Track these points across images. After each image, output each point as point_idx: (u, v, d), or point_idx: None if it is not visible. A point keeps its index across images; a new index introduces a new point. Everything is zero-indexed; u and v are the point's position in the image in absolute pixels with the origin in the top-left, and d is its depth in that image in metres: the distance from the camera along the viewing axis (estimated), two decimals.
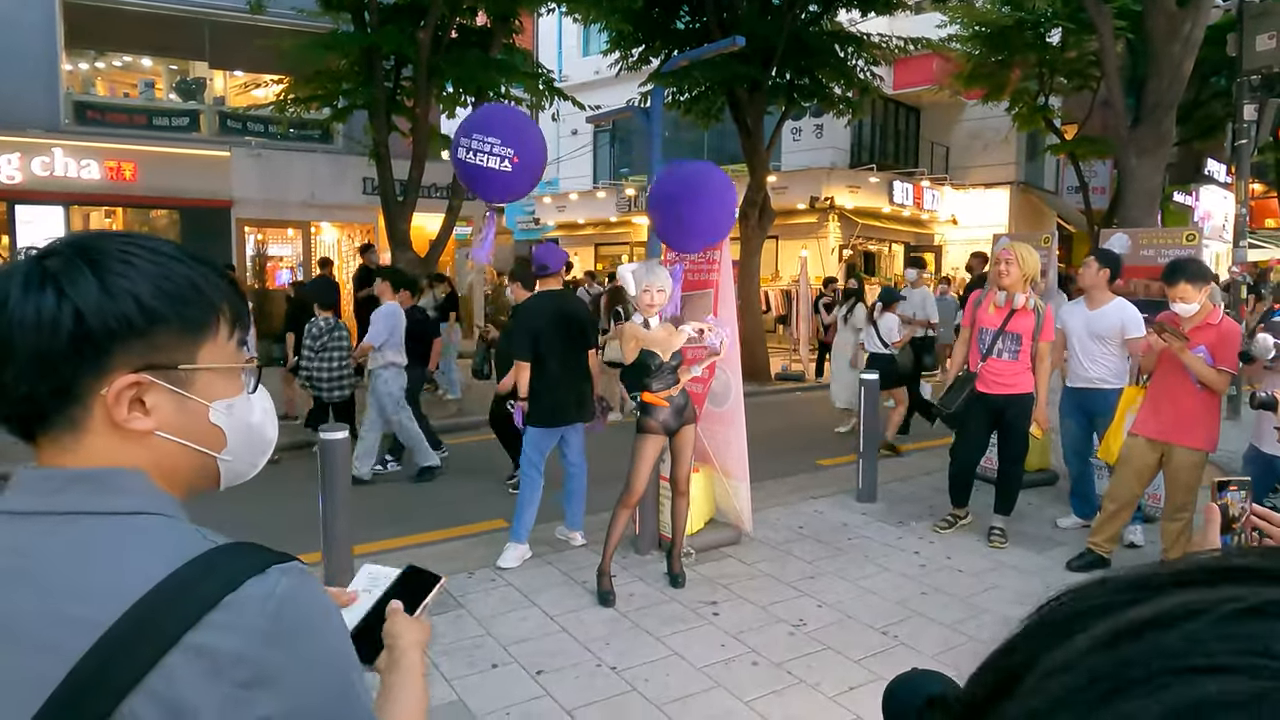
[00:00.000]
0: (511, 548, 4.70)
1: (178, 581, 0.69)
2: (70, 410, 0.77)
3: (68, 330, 0.74)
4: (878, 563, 4.74)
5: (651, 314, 4.23)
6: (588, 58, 22.04)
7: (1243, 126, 9.53)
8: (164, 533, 0.75)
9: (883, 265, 19.39)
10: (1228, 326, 4.16)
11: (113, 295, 0.76)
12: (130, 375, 0.77)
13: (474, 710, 3.17)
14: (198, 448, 0.82)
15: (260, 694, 0.67)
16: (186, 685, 0.66)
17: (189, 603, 0.68)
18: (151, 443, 0.79)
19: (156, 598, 0.68)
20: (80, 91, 14.13)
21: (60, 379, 0.75)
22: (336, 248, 15.36)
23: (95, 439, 0.77)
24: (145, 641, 0.66)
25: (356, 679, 0.76)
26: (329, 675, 0.73)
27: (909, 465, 7.00)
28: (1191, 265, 4.20)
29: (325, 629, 0.74)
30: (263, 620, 0.69)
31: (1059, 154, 15.66)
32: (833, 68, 11.97)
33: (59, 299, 0.75)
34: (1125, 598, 0.29)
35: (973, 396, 4.92)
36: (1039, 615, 0.32)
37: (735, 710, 3.20)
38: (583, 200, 21.43)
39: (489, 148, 4.23)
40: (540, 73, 10.88)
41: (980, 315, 4.97)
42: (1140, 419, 4.40)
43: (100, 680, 0.66)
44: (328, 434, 4.06)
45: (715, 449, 5.12)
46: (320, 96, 10.62)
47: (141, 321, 0.77)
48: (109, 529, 0.74)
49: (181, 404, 0.80)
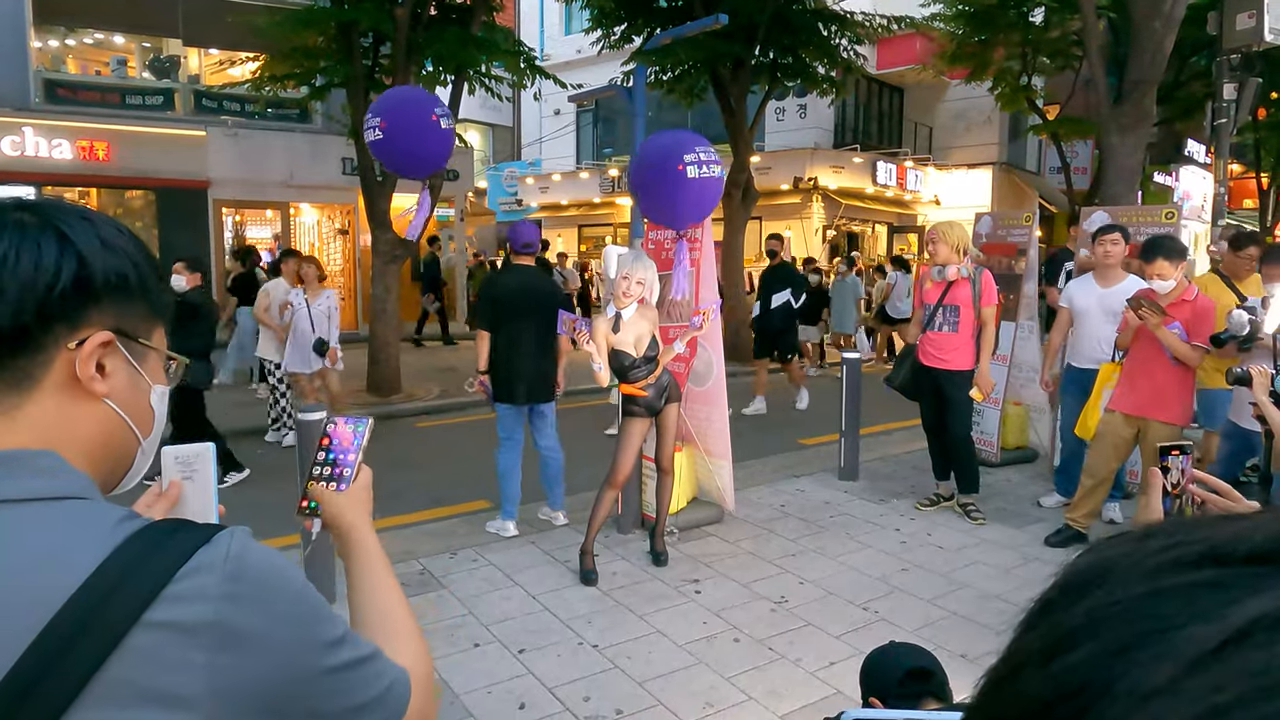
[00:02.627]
0: (498, 522, 4.80)
1: (123, 561, 0.64)
2: (27, 361, 0.72)
3: (71, 272, 0.72)
4: (859, 540, 4.77)
5: (625, 304, 4.15)
6: (569, 36, 21.82)
7: (1222, 106, 9.59)
8: (94, 514, 0.69)
9: (866, 246, 19.42)
10: (1202, 303, 4.21)
11: (113, 251, 0.76)
12: (105, 332, 0.75)
13: (456, 689, 3.17)
14: (134, 427, 0.80)
15: (241, 656, 0.65)
16: (162, 667, 0.62)
17: (142, 580, 0.63)
18: (97, 411, 0.76)
19: (101, 581, 0.63)
20: (51, 69, 13.83)
21: (39, 319, 0.71)
22: (317, 229, 15.19)
23: (45, 398, 0.73)
24: (97, 628, 0.61)
25: (327, 616, 0.73)
26: (301, 623, 0.70)
27: (891, 444, 7.04)
28: (1168, 242, 4.24)
29: (286, 579, 0.71)
30: (225, 584, 0.66)
31: (1041, 134, 15.69)
32: (816, 46, 11.92)
33: (61, 242, 0.73)
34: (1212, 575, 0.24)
35: (917, 369, 5.06)
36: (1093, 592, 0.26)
37: (717, 686, 3.22)
38: (566, 181, 21.26)
39: (373, 123, 4.85)
40: (522, 50, 10.75)
41: (922, 291, 5.13)
42: (1117, 395, 4.44)
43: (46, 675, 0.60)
44: (305, 414, 4.02)
45: (697, 428, 5.12)
46: (297, 74, 10.43)
47: (134, 284, 0.77)
48: (32, 516, 0.67)
49: (134, 378, 0.79)
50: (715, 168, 4.44)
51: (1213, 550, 0.25)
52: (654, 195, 4.59)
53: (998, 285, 5.08)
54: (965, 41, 13.78)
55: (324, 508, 0.97)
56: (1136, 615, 0.24)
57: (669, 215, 4.62)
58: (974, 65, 14.00)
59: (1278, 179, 18.74)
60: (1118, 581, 0.26)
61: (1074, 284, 5.21)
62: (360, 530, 0.95)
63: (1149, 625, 0.23)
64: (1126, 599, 0.25)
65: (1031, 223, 6.27)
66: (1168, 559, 0.25)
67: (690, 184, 4.38)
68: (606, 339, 4.11)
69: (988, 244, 6.40)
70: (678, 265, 4.64)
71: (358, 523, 0.96)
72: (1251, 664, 0.20)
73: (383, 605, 0.90)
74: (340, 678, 0.72)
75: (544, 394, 4.84)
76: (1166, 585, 0.24)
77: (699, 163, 4.37)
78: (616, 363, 4.16)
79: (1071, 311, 5.08)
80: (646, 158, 4.62)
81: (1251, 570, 0.24)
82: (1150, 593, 0.24)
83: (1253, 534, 0.25)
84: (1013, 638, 0.29)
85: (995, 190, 19.16)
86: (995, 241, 6.41)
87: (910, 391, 5.19)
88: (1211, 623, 0.22)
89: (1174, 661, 0.22)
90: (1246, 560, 0.24)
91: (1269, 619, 0.21)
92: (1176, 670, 0.21)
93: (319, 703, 0.70)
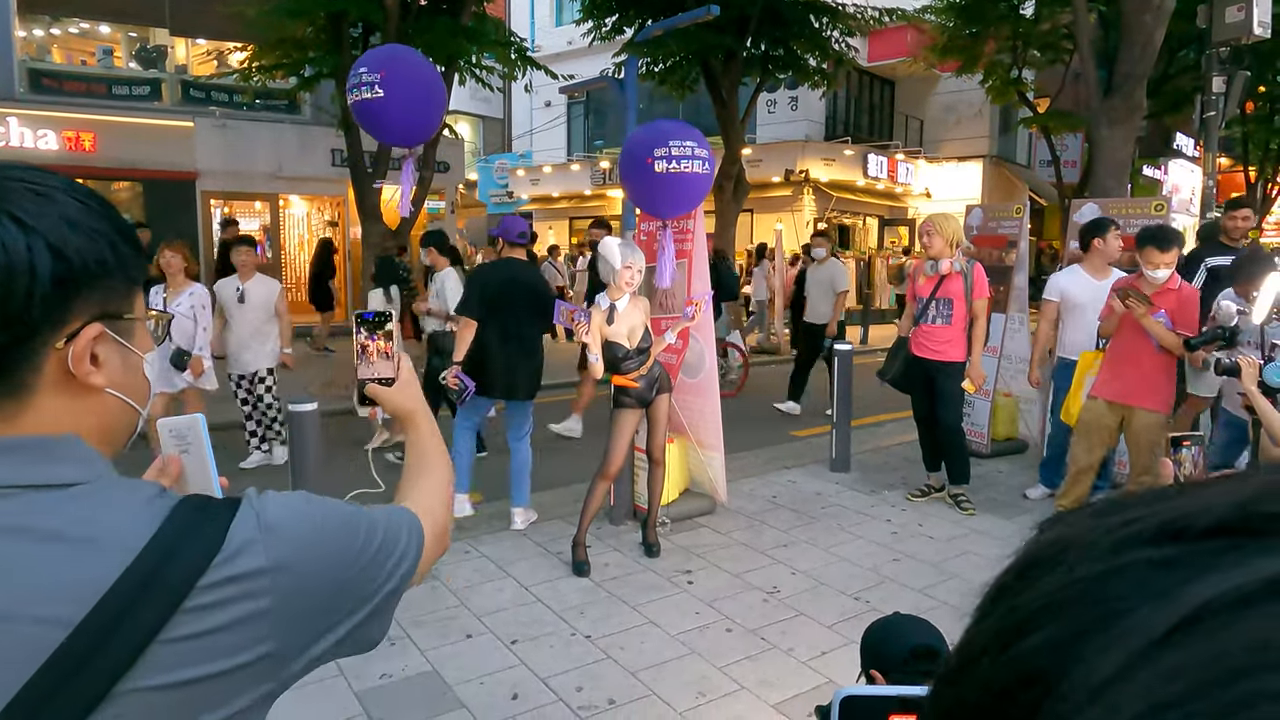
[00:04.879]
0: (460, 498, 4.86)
1: (174, 531, 0.67)
2: (20, 370, 0.67)
3: (47, 270, 0.65)
4: (850, 531, 4.79)
5: (624, 293, 4.14)
6: (560, 28, 21.73)
7: (1211, 99, 9.62)
8: (129, 492, 0.70)
9: (857, 238, 19.45)
10: (1187, 292, 4.26)
11: (83, 231, 0.68)
12: (94, 325, 0.70)
13: (449, 680, 3.16)
14: (132, 403, 0.77)
15: (293, 584, 0.71)
16: (231, 616, 0.67)
17: (195, 546, 0.67)
18: (99, 402, 0.73)
19: (156, 551, 0.66)
20: (36, 59, 13.68)
21: (23, 330, 0.65)
22: (306, 221, 15.10)
23: (44, 402, 0.69)
24: (158, 591, 0.64)
25: (345, 521, 0.79)
26: (330, 539, 0.76)
27: (882, 435, 7.07)
28: (1161, 231, 4.25)
29: (305, 512, 0.76)
30: (264, 534, 0.71)
31: (1032, 127, 15.74)
32: (807, 38, 11.91)
33: (25, 232, 0.65)
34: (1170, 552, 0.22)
35: (910, 360, 5.07)
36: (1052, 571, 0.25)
37: (710, 676, 3.23)
38: (557, 173, 21.20)
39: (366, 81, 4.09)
40: (513, 41, 10.69)
41: (915, 285, 5.13)
42: (1100, 382, 4.47)
43: (112, 633, 0.62)
44: (296, 406, 4.00)
45: (689, 420, 5.13)
46: (286, 65, 10.35)
47: (114, 263, 0.70)
48: (68, 501, 0.67)
49: (125, 357, 0.75)
50: (692, 163, 4.28)
51: (1171, 524, 0.23)
52: (631, 187, 4.59)
53: (988, 277, 5.11)
54: (956, 34, 13.82)
55: (384, 405, 1.12)
56: (1092, 597, 0.23)
57: (648, 206, 4.60)
58: (965, 58, 14.04)
59: (1265, 172, 18.86)
60: (1075, 560, 0.24)
61: (1065, 276, 5.24)
62: (416, 414, 1.11)
63: (1104, 609, 0.22)
64: (1084, 579, 0.24)
65: (1022, 215, 6.30)
66: (1127, 534, 0.24)
67: (657, 179, 4.29)
68: (601, 330, 4.11)
69: (978, 236, 6.44)
70: (661, 254, 4.60)
71: (413, 408, 1.12)
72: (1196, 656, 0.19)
73: (425, 458, 1.07)
74: (373, 563, 0.80)
75: (518, 392, 4.71)
76: (1123, 563, 0.23)
77: (669, 158, 4.26)
78: (609, 354, 4.15)
79: (1063, 304, 5.11)
80: (625, 148, 4.59)
81: (1208, 545, 0.22)
82: (1106, 571, 0.23)
83: (1212, 505, 0.23)
84: (970, 623, 0.28)
85: (986, 183, 19.22)
86: (986, 234, 6.43)
87: (903, 384, 5.20)
88: (1161, 607, 0.21)
89: (1124, 649, 0.21)
90: (1204, 534, 0.22)
91: (1218, 603, 0.20)
92: (1127, 659, 0.20)
93: (362, 589, 0.78)
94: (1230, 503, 0.23)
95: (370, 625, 0.80)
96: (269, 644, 0.70)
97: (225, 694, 0.68)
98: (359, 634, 0.79)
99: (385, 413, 1.14)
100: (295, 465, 4.00)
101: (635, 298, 4.22)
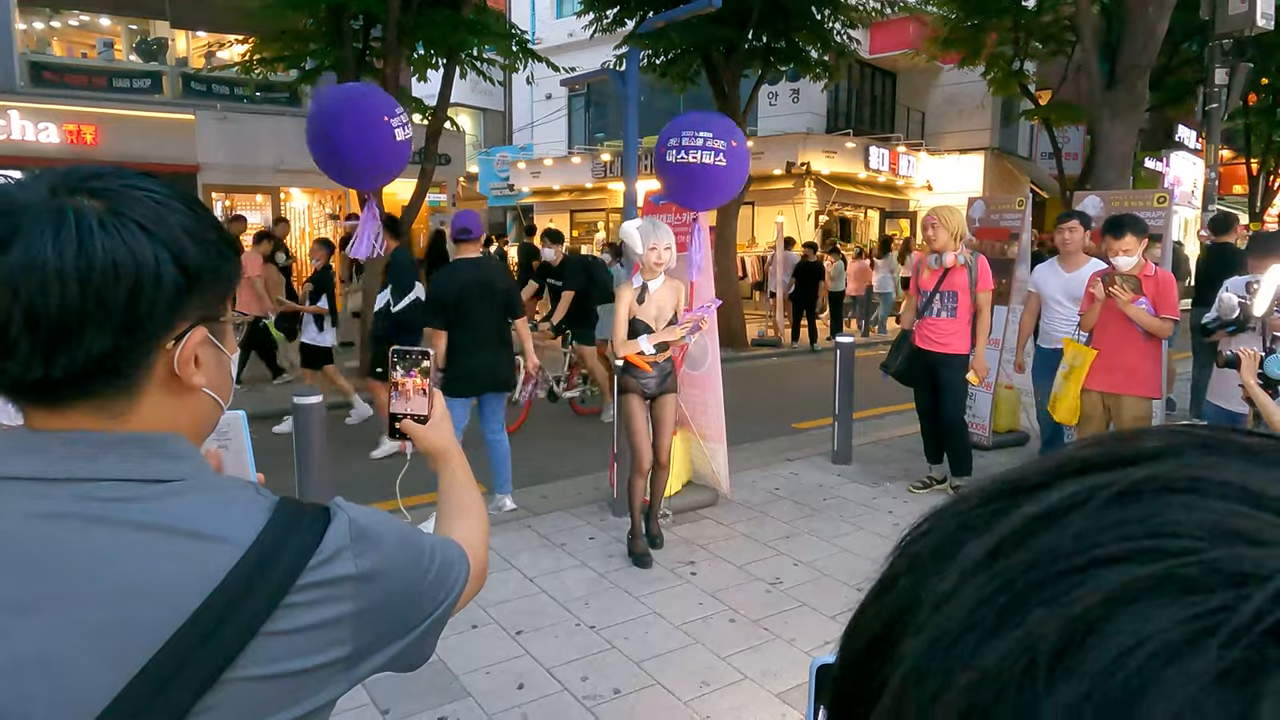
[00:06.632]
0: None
1: (275, 534, 0.72)
2: (134, 370, 0.71)
3: (170, 277, 0.69)
4: (853, 522, 4.81)
5: (657, 274, 4.10)
6: (561, 20, 21.66)
7: (1213, 91, 9.62)
8: (240, 491, 0.76)
9: (858, 231, 19.43)
10: (1164, 276, 4.33)
11: (196, 239, 0.72)
12: (199, 328, 0.74)
13: (454, 670, 3.19)
14: (222, 402, 0.82)
15: (374, 592, 0.76)
16: (320, 617, 0.71)
17: (293, 550, 0.71)
18: (196, 401, 0.77)
19: (260, 551, 0.70)
20: (36, 51, 13.66)
21: (144, 333, 0.69)
22: (307, 214, 15.10)
23: (150, 400, 0.73)
24: (262, 586, 0.69)
25: (418, 541, 0.84)
26: (406, 554, 0.82)
27: (884, 428, 7.09)
28: (1130, 219, 4.33)
29: (388, 527, 0.81)
30: (353, 543, 0.75)
31: (1034, 119, 15.70)
32: (809, 30, 11.87)
33: (151, 240, 0.68)
34: (1001, 505, 0.28)
35: (913, 354, 5.09)
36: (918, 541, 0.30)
37: (713, 665, 3.25)
38: (558, 166, 21.16)
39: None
40: (514, 33, 10.67)
41: (919, 279, 5.15)
42: (1090, 373, 4.50)
43: (223, 623, 0.67)
44: (301, 398, 4.02)
45: (692, 412, 5.14)
46: (287, 58, 10.33)
47: (219, 270, 0.74)
48: (175, 496, 0.71)
49: (219, 358, 0.79)
50: (703, 154, 4.31)
51: (1013, 484, 0.29)
52: (659, 173, 4.62)
53: (990, 269, 5.13)
54: (958, 26, 13.76)
55: (417, 442, 1.14)
56: (944, 545, 0.28)
57: (674, 197, 4.64)
58: (966, 50, 13.99)
59: (1268, 164, 18.83)
60: (937, 527, 0.30)
61: (1041, 269, 5.43)
62: (449, 452, 1.13)
63: (949, 550, 0.28)
64: (941, 536, 0.29)
65: (1024, 207, 6.30)
66: (980, 497, 0.29)
67: (669, 167, 4.38)
68: (630, 308, 4.10)
69: (981, 229, 6.45)
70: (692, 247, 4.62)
71: (446, 446, 1.14)
72: (1008, 568, 0.25)
73: (462, 500, 1.10)
74: (437, 581, 0.85)
75: (498, 384, 4.81)
76: (971, 518, 0.28)
77: (679, 148, 4.32)
78: (633, 332, 4.14)
79: (1040, 295, 5.25)
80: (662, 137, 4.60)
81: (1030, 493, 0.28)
82: (959, 527, 0.28)
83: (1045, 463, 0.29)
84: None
85: (987, 175, 19.18)
86: (988, 226, 6.45)
87: (906, 377, 5.21)
88: (983, 536, 0.27)
89: (959, 571, 0.26)
90: (1033, 487, 0.28)
91: (1023, 529, 0.26)
92: (960, 578, 0.26)
93: (424, 606, 0.84)
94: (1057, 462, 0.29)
95: (424, 643, 0.85)
96: (347, 647, 0.74)
97: (305, 691, 0.72)
98: (411, 650, 0.83)
99: (417, 449, 1.15)
100: (300, 458, 4.03)
101: (670, 280, 4.19)
